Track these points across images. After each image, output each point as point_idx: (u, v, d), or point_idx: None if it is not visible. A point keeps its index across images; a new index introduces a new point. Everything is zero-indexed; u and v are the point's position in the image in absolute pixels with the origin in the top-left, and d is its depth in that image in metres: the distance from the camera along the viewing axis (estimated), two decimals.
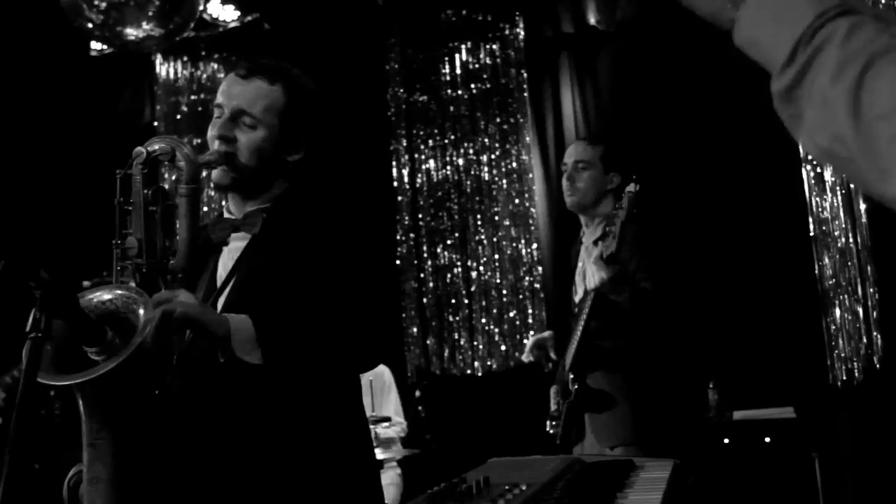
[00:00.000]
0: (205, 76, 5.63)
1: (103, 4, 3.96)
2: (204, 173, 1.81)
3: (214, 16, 5.07)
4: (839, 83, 0.68)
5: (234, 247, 1.81)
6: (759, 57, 0.76)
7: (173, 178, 4.88)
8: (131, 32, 4.12)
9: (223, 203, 1.93)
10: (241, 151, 1.75)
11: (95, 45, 5.29)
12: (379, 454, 3.51)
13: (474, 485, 1.10)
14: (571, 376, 2.73)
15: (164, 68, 5.68)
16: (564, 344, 2.81)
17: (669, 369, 2.73)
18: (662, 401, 2.71)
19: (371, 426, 2.87)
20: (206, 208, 5.03)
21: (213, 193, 5.23)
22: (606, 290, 2.60)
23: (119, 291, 1.47)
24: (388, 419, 4.11)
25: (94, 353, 1.39)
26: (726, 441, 3.86)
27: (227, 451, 1.68)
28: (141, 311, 1.42)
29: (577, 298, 2.87)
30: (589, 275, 2.63)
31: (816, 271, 4.33)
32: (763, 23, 0.75)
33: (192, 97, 5.63)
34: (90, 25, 4.00)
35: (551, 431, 2.85)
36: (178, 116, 5.62)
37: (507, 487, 1.10)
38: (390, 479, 4.12)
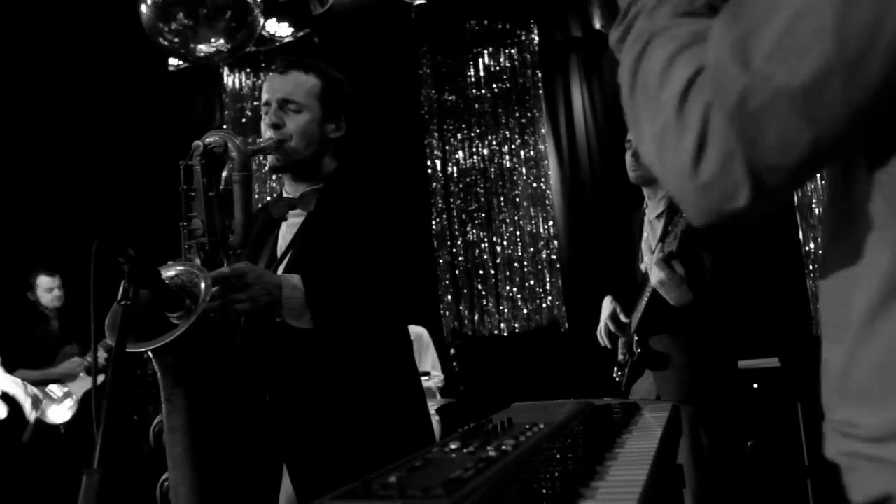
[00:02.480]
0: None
1: (179, 26, 3.98)
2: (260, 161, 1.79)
3: (272, 32, 5.07)
4: (629, 56, 0.66)
5: (293, 222, 1.82)
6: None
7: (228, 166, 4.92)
8: (202, 49, 4.14)
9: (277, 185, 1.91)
10: (291, 135, 1.76)
11: (172, 61, 5.34)
12: None
13: (499, 424, 1.10)
14: (637, 338, 2.62)
15: (231, 79, 5.71)
16: (630, 304, 2.67)
17: (725, 332, 2.55)
18: (718, 361, 2.54)
19: None
20: (256, 196, 5.06)
21: (265, 173, 5.26)
22: (664, 292, 2.44)
23: (181, 268, 1.45)
24: (427, 373, 4.13)
25: (176, 318, 1.40)
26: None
27: (290, 401, 1.68)
28: (202, 284, 1.41)
29: (642, 266, 2.68)
30: (654, 272, 2.45)
31: (801, 234, 4.24)
32: None
33: (255, 103, 5.66)
34: (167, 44, 4.03)
35: (616, 378, 2.74)
36: (244, 120, 5.66)
37: (527, 426, 1.09)
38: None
